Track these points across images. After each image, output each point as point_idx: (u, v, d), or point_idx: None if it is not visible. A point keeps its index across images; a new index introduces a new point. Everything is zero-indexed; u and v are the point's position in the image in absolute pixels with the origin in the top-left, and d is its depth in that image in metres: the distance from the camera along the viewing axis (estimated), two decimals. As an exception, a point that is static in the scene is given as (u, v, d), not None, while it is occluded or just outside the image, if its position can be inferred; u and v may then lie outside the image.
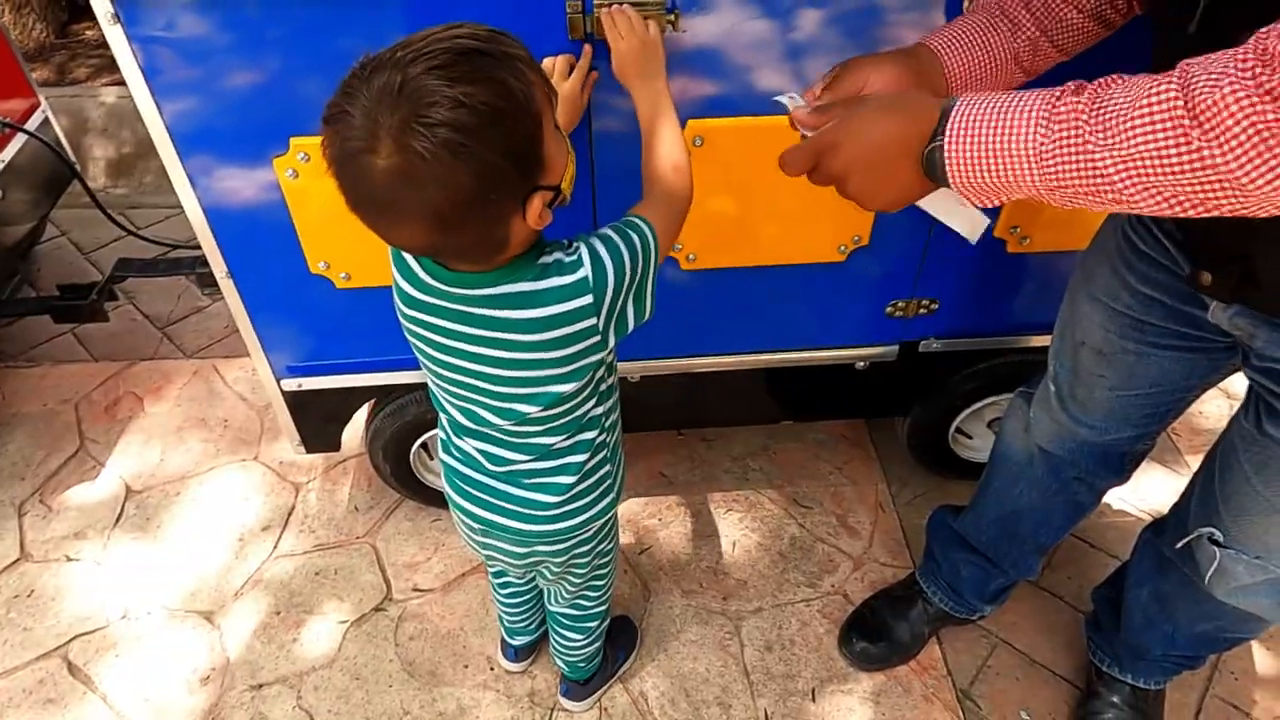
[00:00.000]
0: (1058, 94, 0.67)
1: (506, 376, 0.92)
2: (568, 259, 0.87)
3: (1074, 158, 0.65)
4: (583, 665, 1.47)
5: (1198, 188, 0.60)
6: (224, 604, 1.69)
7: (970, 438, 1.82)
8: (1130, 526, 1.83)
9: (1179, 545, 1.13)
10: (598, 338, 0.90)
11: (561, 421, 0.99)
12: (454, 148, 0.70)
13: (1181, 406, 1.18)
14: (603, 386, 1.03)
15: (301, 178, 1.22)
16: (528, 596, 1.44)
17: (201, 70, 1.11)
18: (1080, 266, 1.16)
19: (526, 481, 1.06)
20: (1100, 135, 0.63)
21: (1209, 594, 1.10)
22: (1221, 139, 0.57)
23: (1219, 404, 2.10)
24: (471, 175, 0.73)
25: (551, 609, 1.40)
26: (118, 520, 1.84)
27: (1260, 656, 1.61)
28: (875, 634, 1.59)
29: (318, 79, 1.12)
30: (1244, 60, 0.56)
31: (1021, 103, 0.68)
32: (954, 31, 0.93)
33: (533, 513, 1.07)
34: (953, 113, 0.71)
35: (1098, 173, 0.64)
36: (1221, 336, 0.99)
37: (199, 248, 1.32)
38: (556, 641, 1.45)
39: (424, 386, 1.53)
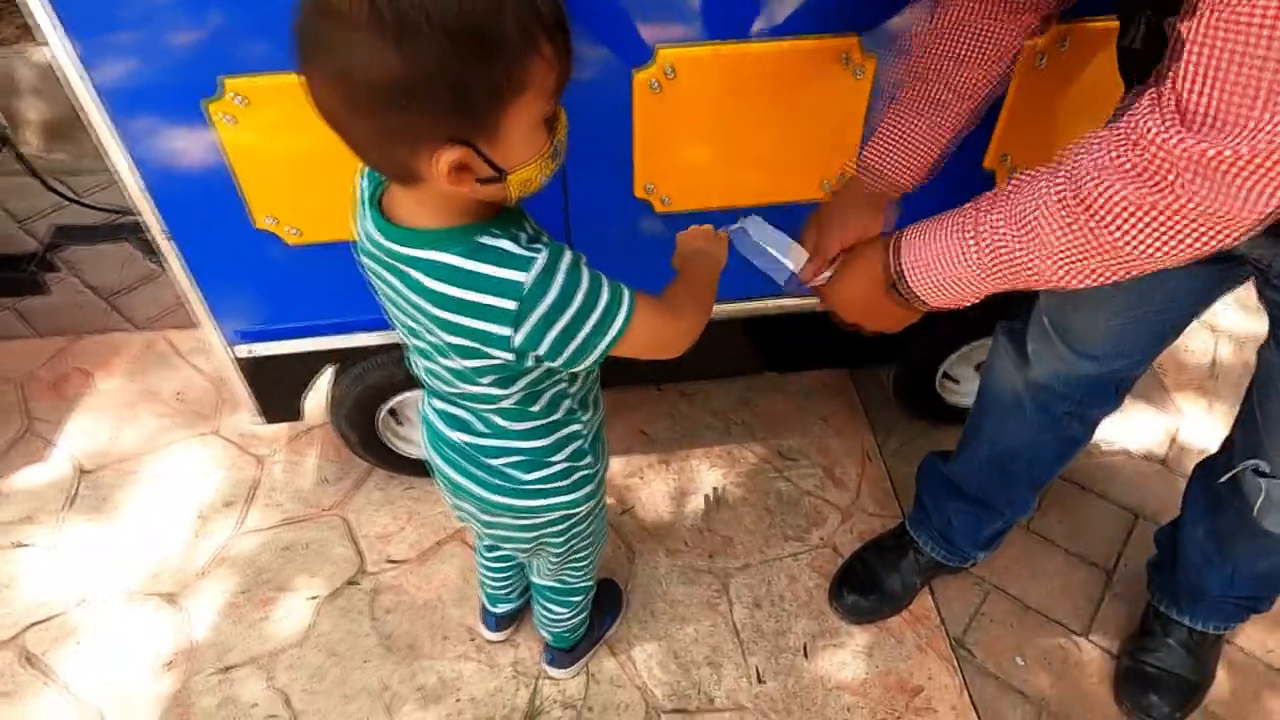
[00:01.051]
0: (976, 215, 0.79)
1: (436, 344, 0.84)
2: (517, 251, 0.75)
3: (1009, 265, 0.77)
4: (568, 635, 1.41)
5: (1112, 263, 0.70)
6: (187, 585, 1.61)
7: (957, 382, 1.77)
8: (1119, 466, 1.80)
9: (1224, 480, 1.12)
10: (508, 355, 0.78)
11: (505, 406, 0.92)
12: (408, 23, 0.60)
13: (1186, 325, 1.14)
14: (562, 387, 0.95)
15: (240, 124, 1.11)
16: (513, 561, 1.38)
17: (113, 5, 1.00)
18: None
19: (484, 460, 0.99)
20: (1020, 242, 0.74)
21: (1262, 528, 1.08)
22: (1115, 230, 0.66)
23: (1205, 339, 2.07)
24: (401, 64, 0.62)
25: (534, 581, 1.34)
26: (70, 502, 1.75)
27: None
28: (866, 586, 1.55)
29: (248, 5, 1.01)
30: (1118, 147, 0.64)
31: (951, 230, 0.82)
32: (889, 140, 1.02)
33: (498, 483, 1.00)
34: (902, 254, 0.88)
35: (1032, 270, 0.75)
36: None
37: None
38: (540, 613, 1.39)
39: (387, 349, 1.45)
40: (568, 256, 0.77)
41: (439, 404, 0.98)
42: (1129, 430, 1.86)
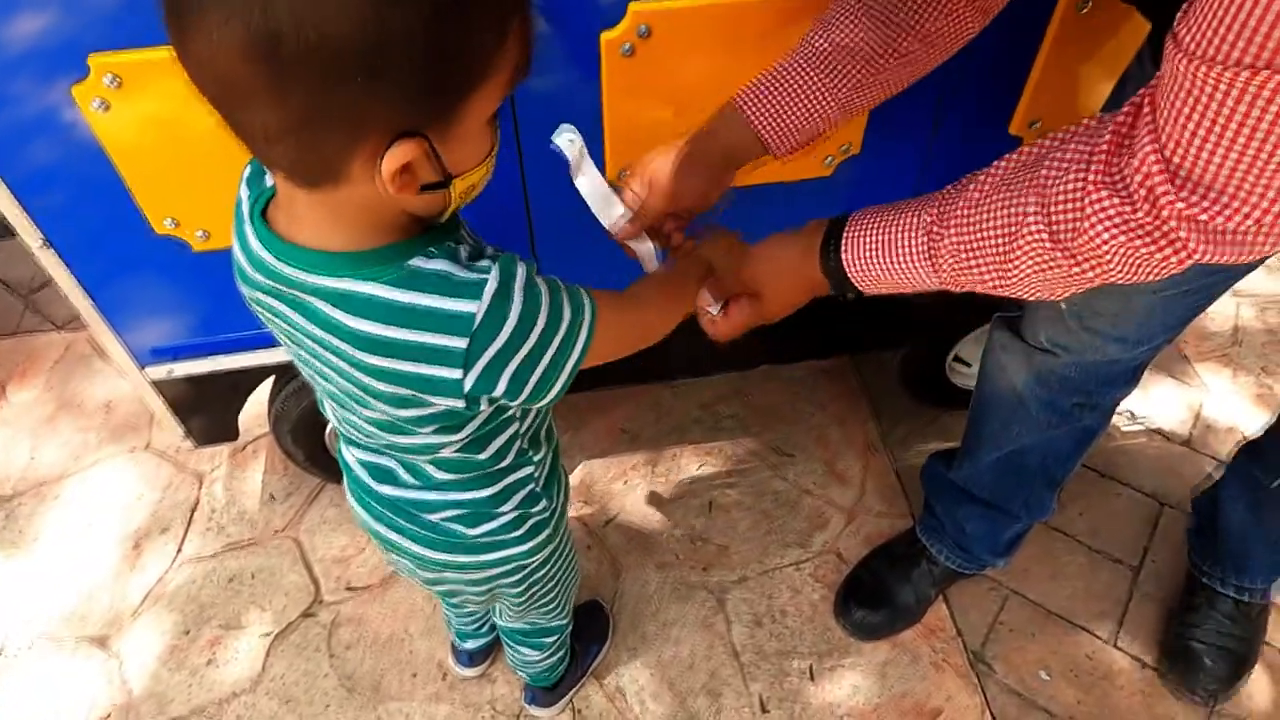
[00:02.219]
0: (931, 231, 0.71)
1: (353, 393, 0.66)
2: (462, 274, 0.58)
3: (970, 281, 0.71)
4: (545, 674, 1.26)
5: (1085, 285, 0.65)
6: (121, 626, 1.44)
7: (969, 365, 1.61)
8: (1140, 449, 1.67)
9: (1275, 485, 1.08)
10: (456, 402, 0.61)
11: (444, 456, 0.75)
12: None
13: (1228, 289, 1.00)
14: (514, 428, 0.78)
15: (114, 110, 0.90)
16: (481, 607, 1.22)
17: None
18: None
19: (421, 515, 0.82)
20: (985, 268, 0.68)
21: None
22: (1098, 268, 0.61)
23: (1226, 303, 1.93)
24: (372, 18, 0.45)
25: (500, 623, 1.18)
26: (-15, 534, 1.56)
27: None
28: (876, 600, 1.41)
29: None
30: (1115, 200, 0.57)
31: (903, 242, 0.73)
32: (770, 95, 0.85)
33: (439, 538, 0.83)
34: (844, 253, 0.78)
35: (997, 288, 0.70)
36: None
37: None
38: (511, 655, 1.24)
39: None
40: (521, 271, 0.60)
41: (359, 453, 0.80)
42: (1149, 408, 1.73)
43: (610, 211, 0.85)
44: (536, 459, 0.83)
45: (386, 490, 0.80)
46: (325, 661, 1.40)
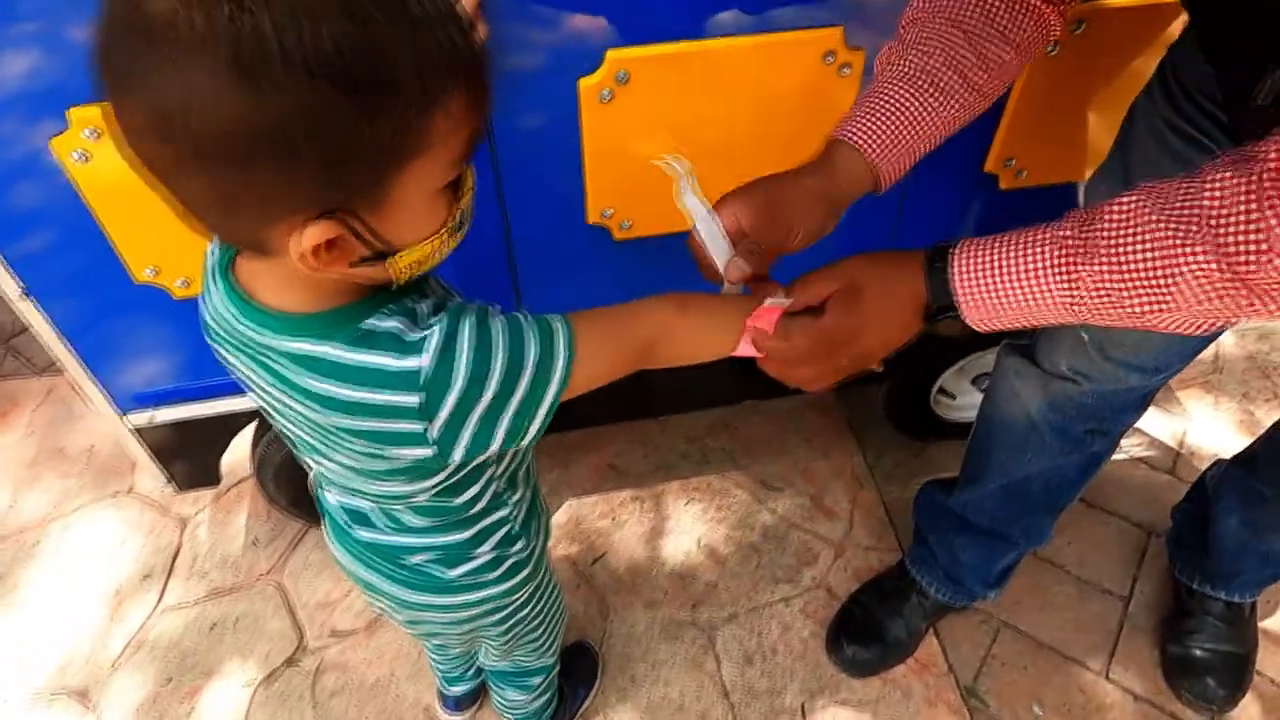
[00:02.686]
0: (1070, 259, 0.63)
1: (320, 447, 0.66)
2: (410, 336, 0.58)
3: (1110, 314, 0.64)
4: (533, 718, 1.24)
5: (1254, 317, 0.60)
6: (100, 678, 1.41)
7: (953, 397, 1.62)
8: (1126, 478, 1.67)
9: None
10: (426, 450, 0.60)
11: (418, 503, 0.74)
12: (265, 53, 0.43)
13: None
14: (490, 471, 0.77)
15: (94, 161, 0.91)
16: (464, 650, 1.20)
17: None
18: (1108, 182, 0.95)
19: (399, 559, 0.81)
20: (1140, 299, 0.61)
21: None
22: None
23: (1205, 330, 1.94)
24: (251, 108, 0.44)
25: (485, 665, 1.16)
26: (-37, 584, 1.53)
27: None
28: (867, 635, 1.40)
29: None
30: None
31: (1034, 268, 0.64)
32: (880, 121, 0.77)
33: (418, 580, 0.83)
34: (954, 282, 0.67)
35: (1143, 321, 0.63)
36: None
37: None
38: (496, 699, 1.22)
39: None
40: (470, 317, 0.59)
41: (336, 496, 0.79)
42: (1136, 436, 1.73)
43: (719, 244, 0.73)
44: (513, 500, 0.82)
45: (364, 534, 0.80)
46: (309, 710, 1.37)
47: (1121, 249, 0.60)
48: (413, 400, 0.57)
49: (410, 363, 0.56)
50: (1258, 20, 0.69)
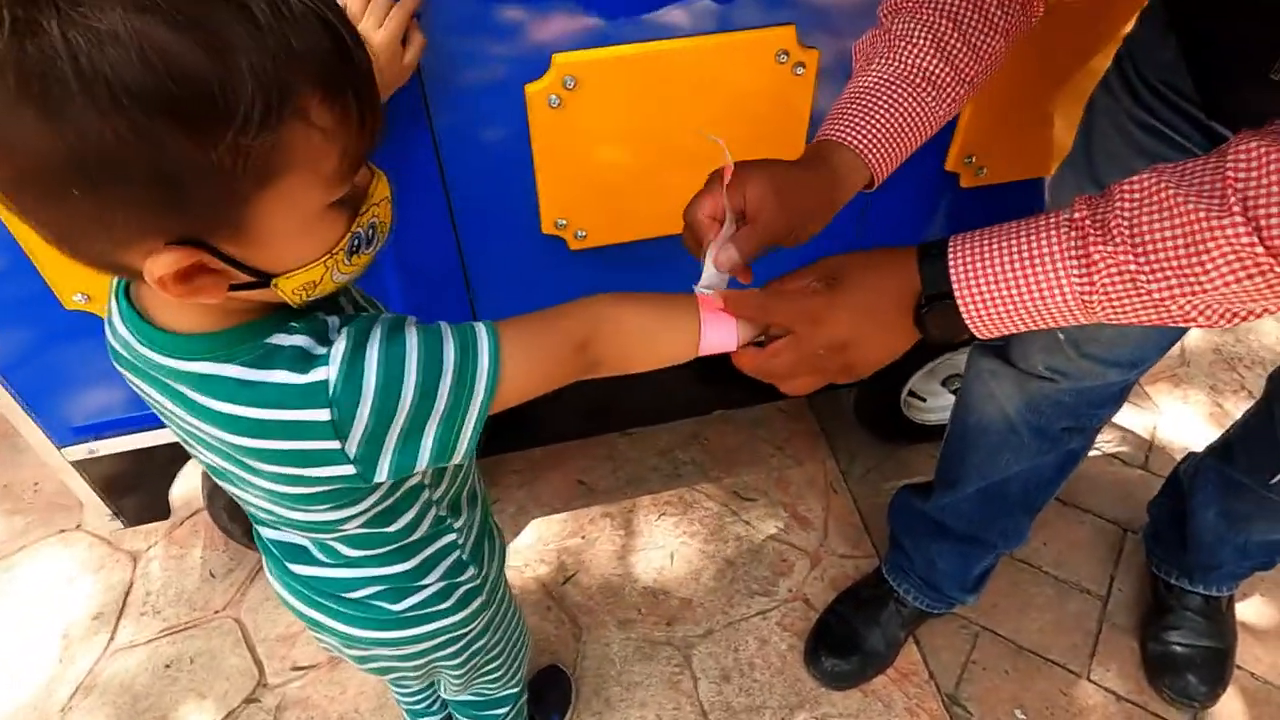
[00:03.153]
0: (1085, 238, 0.57)
1: (236, 475, 0.62)
2: (316, 350, 0.54)
3: (1131, 301, 0.56)
4: (504, 750, 1.19)
5: None
6: (48, 726, 1.34)
7: (924, 400, 1.60)
8: (1099, 475, 1.66)
9: (1274, 481, 1.08)
10: (347, 468, 0.56)
11: (349, 532, 0.69)
12: (59, 84, 0.39)
13: None
14: (425, 496, 0.73)
15: (13, 184, 0.86)
16: (422, 683, 1.15)
17: None
18: (1073, 176, 0.93)
19: (341, 595, 0.76)
20: (1161, 282, 0.55)
21: None
22: None
23: (1171, 324, 1.95)
24: (60, 141, 0.40)
25: (447, 698, 1.11)
26: (-99, 632, 1.46)
27: None
28: (845, 647, 1.37)
29: None
30: None
31: (1040, 250, 0.58)
32: (871, 120, 0.73)
33: (363, 616, 0.78)
34: (951, 269, 0.61)
35: (1162, 309, 0.56)
36: None
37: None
38: (466, 732, 1.17)
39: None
40: (380, 326, 0.55)
41: (268, 531, 0.75)
42: (1107, 433, 1.73)
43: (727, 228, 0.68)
44: (458, 525, 0.78)
45: (302, 570, 0.75)
46: (271, 750, 1.31)
47: (1142, 227, 0.54)
48: (323, 415, 0.53)
49: (316, 376, 0.52)
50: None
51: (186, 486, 1.55)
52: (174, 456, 1.25)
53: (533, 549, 1.55)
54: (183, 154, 0.42)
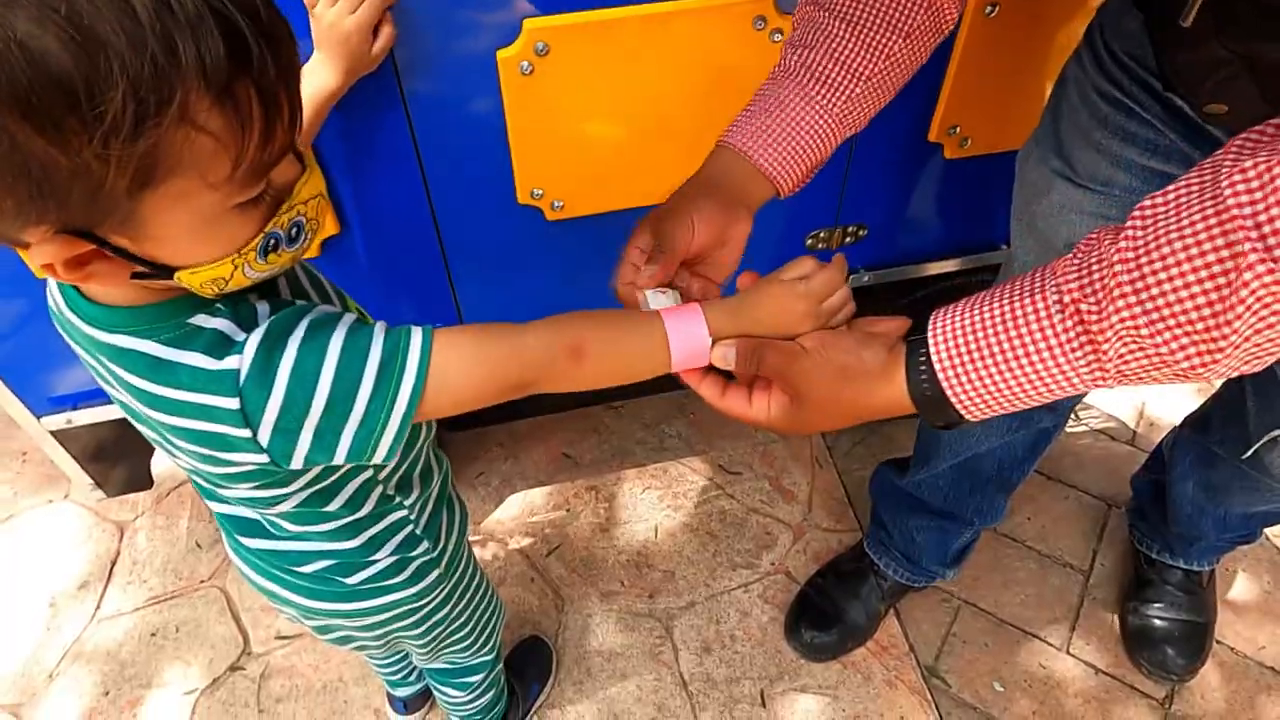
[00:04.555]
0: (1083, 328, 0.52)
1: (164, 447, 0.61)
2: (235, 335, 0.53)
3: (1148, 370, 0.51)
4: (479, 717, 1.20)
5: None
6: (35, 692, 1.36)
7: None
8: (1085, 450, 1.66)
9: (1246, 456, 1.05)
10: (260, 457, 0.55)
11: (288, 510, 0.69)
12: None
13: None
14: (366, 476, 0.72)
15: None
16: (389, 651, 1.15)
17: None
18: (1039, 150, 0.91)
19: (294, 568, 0.76)
20: (1186, 350, 0.49)
21: (1272, 484, 1.06)
22: None
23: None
24: None
25: (418, 664, 1.12)
26: (-110, 600, 1.47)
27: None
28: (826, 620, 1.38)
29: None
30: None
31: (1035, 349, 0.54)
32: (760, 121, 0.73)
33: (318, 588, 0.78)
34: (940, 368, 0.57)
35: (1189, 370, 0.50)
36: None
37: None
38: (440, 698, 1.18)
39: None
40: (304, 321, 0.54)
41: (218, 506, 0.75)
42: (1095, 408, 1.72)
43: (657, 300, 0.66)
44: (409, 502, 0.77)
45: (253, 543, 0.75)
46: (254, 717, 1.32)
47: (1151, 290, 0.48)
48: (232, 404, 0.52)
49: (227, 364, 0.52)
50: None
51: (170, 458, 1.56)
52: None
53: (517, 521, 1.55)
54: (43, 154, 0.40)
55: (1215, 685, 1.35)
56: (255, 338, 0.52)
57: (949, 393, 0.58)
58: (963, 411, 0.59)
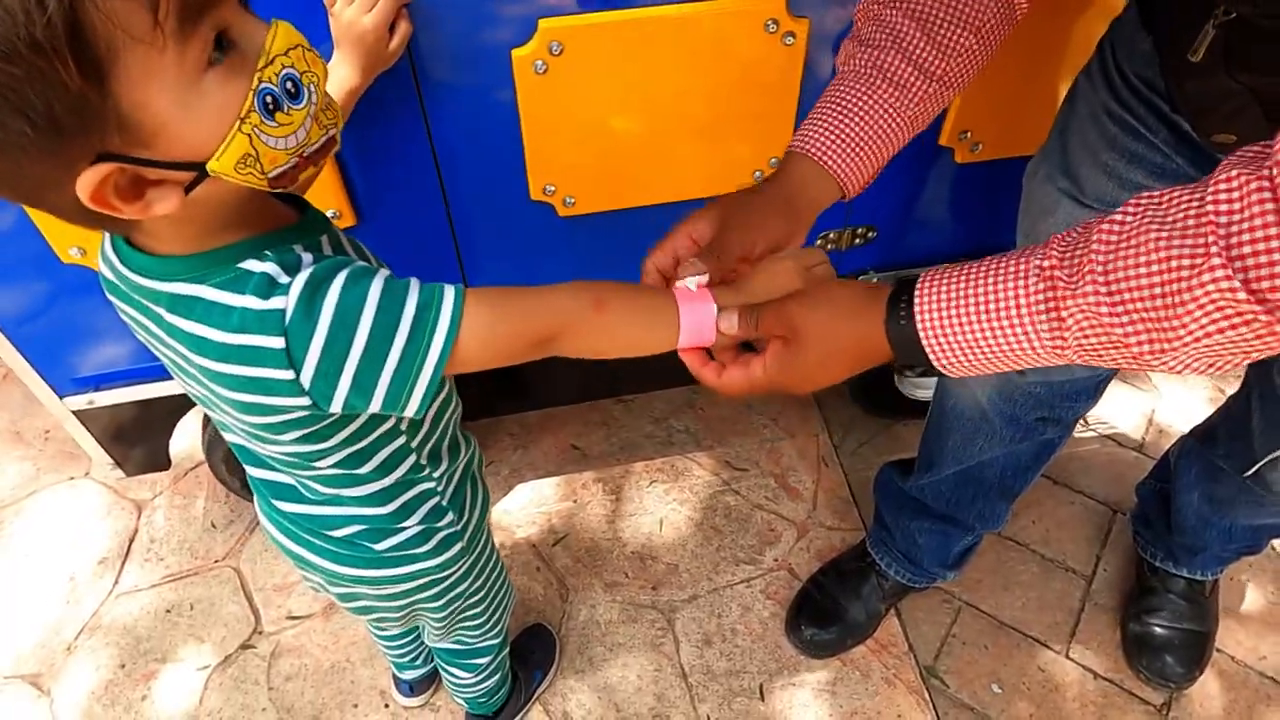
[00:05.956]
0: (1054, 286, 0.54)
1: (211, 401, 0.64)
2: (280, 278, 0.55)
3: (1107, 353, 0.54)
4: (483, 701, 1.23)
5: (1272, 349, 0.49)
6: (54, 663, 1.40)
7: (919, 376, 1.60)
8: (1093, 456, 1.66)
9: (1249, 473, 1.07)
10: (302, 401, 0.58)
11: (324, 472, 0.72)
12: None
13: None
14: (400, 442, 0.75)
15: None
16: (403, 630, 1.18)
17: None
18: (1046, 167, 0.92)
19: (326, 532, 0.80)
20: (1137, 321, 0.51)
21: (1276, 500, 1.07)
22: None
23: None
24: None
25: (429, 643, 1.15)
26: (-83, 570, 1.52)
27: None
28: (826, 617, 1.39)
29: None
30: None
31: (1010, 300, 0.56)
32: (833, 125, 0.74)
33: (347, 554, 0.81)
34: (919, 319, 0.58)
35: (1146, 351, 0.52)
36: None
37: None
38: (446, 678, 1.21)
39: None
40: (346, 269, 0.56)
41: (256, 471, 0.78)
42: (1102, 414, 1.72)
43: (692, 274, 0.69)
44: (438, 474, 0.80)
45: (288, 507, 0.79)
46: (264, 694, 1.36)
47: (1118, 273, 0.50)
48: (276, 343, 0.55)
49: (274, 304, 0.54)
50: None
51: (189, 439, 1.60)
52: (172, 408, 1.28)
53: (524, 511, 1.58)
54: (14, 82, 0.42)
55: (1214, 693, 1.35)
56: (300, 279, 0.55)
57: (921, 333, 0.58)
58: (933, 358, 0.59)
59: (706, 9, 0.93)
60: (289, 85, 0.52)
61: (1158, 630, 1.37)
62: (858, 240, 1.26)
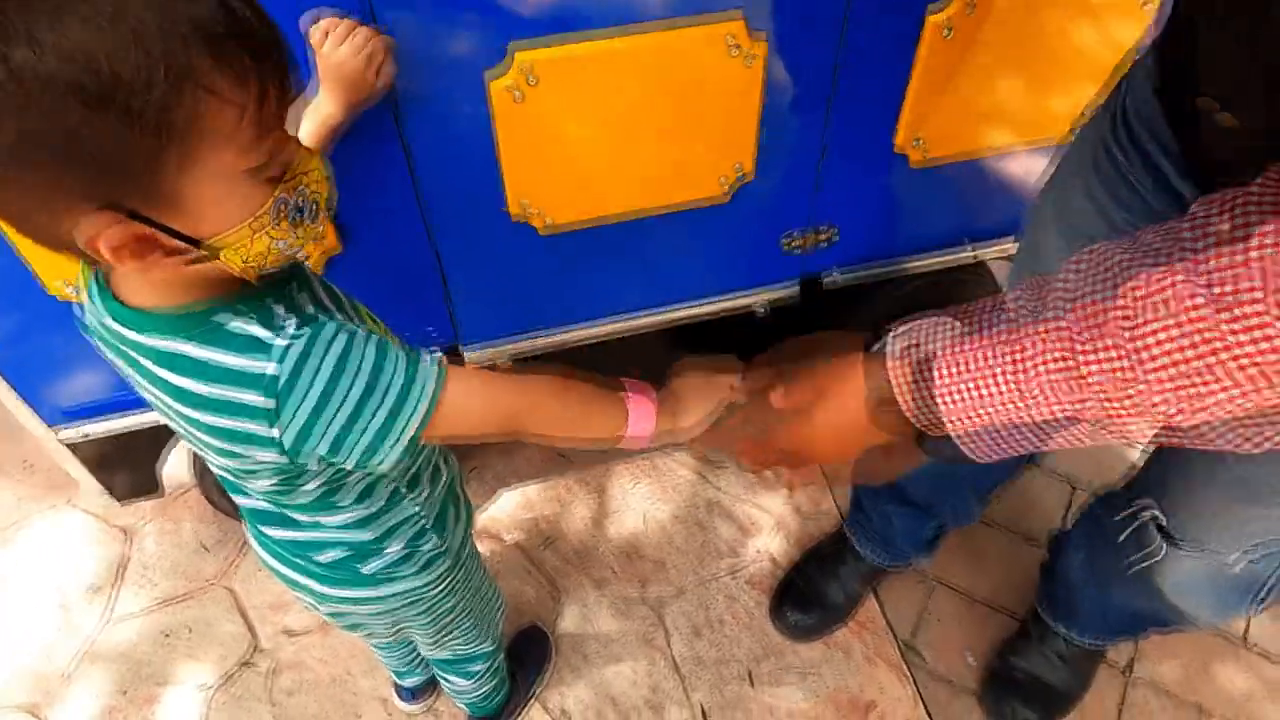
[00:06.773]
0: (1071, 346, 0.52)
1: (194, 444, 0.68)
2: (271, 341, 0.59)
3: (1069, 390, 0.53)
4: (482, 703, 1.27)
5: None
6: (51, 691, 1.41)
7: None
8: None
9: (1121, 516, 1.02)
10: (280, 458, 0.62)
11: (303, 503, 0.76)
12: None
13: None
14: (370, 476, 0.78)
15: (-1, 183, 0.90)
16: (397, 640, 1.22)
17: None
18: (1051, 186, 0.96)
19: (314, 556, 0.84)
20: (1100, 366, 0.50)
21: (1144, 577, 1.02)
22: None
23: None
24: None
25: (424, 654, 1.19)
26: (-96, 608, 1.51)
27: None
28: (808, 602, 1.46)
29: None
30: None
31: (1013, 364, 0.56)
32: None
33: (334, 575, 0.85)
34: (936, 387, 0.61)
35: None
36: None
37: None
38: (446, 685, 1.25)
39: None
40: (341, 336, 0.61)
41: (240, 499, 0.81)
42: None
43: None
44: (422, 499, 0.84)
45: (274, 532, 0.82)
46: (266, 711, 1.39)
47: (1118, 329, 0.49)
48: (265, 403, 0.59)
49: (262, 365, 0.58)
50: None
51: (177, 464, 1.61)
52: (162, 436, 1.30)
53: (512, 516, 1.62)
54: (86, 125, 0.46)
55: (1178, 651, 1.44)
56: (297, 348, 0.58)
57: (947, 420, 0.61)
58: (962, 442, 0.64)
59: (668, 35, 0.98)
60: (309, 204, 0.58)
61: (1015, 674, 1.35)
62: (821, 240, 1.32)
